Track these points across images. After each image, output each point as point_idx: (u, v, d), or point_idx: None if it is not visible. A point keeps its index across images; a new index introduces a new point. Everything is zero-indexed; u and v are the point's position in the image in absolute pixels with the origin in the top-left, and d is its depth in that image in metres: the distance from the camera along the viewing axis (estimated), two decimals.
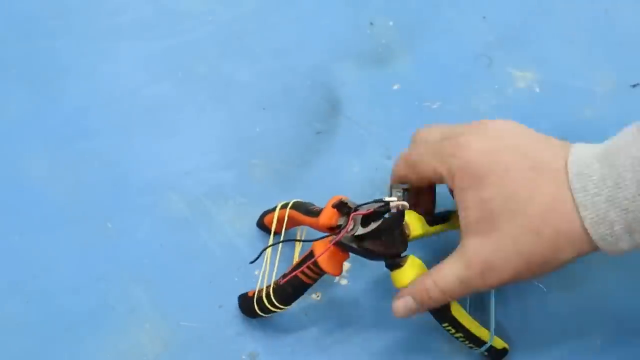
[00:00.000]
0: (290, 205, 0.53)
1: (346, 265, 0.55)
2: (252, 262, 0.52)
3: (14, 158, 0.60)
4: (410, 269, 0.48)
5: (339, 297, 0.54)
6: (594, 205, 0.42)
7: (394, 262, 0.48)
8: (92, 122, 0.62)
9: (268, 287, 0.51)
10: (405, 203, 0.46)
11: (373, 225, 0.47)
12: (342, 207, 0.49)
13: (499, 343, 0.51)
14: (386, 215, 0.47)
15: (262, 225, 0.56)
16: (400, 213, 0.47)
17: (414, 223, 0.50)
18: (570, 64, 0.65)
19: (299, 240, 0.52)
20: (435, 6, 0.68)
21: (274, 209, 0.54)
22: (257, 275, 0.52)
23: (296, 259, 0.52)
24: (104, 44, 0.66)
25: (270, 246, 0.52)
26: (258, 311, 0.51)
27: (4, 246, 0.56)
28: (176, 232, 0.57)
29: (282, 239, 0.52)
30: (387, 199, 0.46)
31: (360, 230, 0.47)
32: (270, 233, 0.54)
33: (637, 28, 0.66)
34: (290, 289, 0.50)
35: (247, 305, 0.52)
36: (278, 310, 0.50)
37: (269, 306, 0.50)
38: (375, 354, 0.52)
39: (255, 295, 0.51)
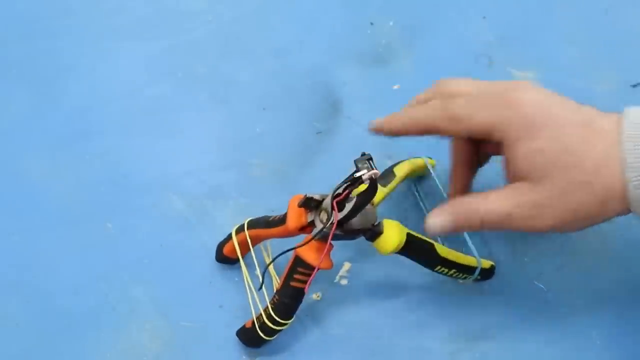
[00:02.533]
0: (246, 226, 0.52)
1: (346, 265, 0.55)
2: (266, 268, 0.50)
3: (14, 158, 0.60)
4: (392, 232, 0.48)
5: (339, 297, 0.54)
6: None
7: (373, 232, 0.48)
8: (92, 122, 0.62)
9: (265, 309, 0.50)
10: (377, 171, 0.44)
11: (349, 206, 0.46)
12: (310, 203, 0.48)
13: (486, 263, 0.54)
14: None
15: (223, 258, 0.54)
16: (374, 183, 0.45)
17: None
18: (570, 63, 0.65)
19: (296, 247, 0.48)
20: (435, 6, 0.68)
21: (229, 237, 0.53)
22: (257, 275, 0.52)
23: (273, 273, 0.52)
24: (104, 44, 0.66)
25: (273, 260, 0.49)
26: (264, 336, 0.50)
27: (4, 246, 0.56)
28: (176, 232, 0.57)
29: (254, 259, 0.51)
30: (358, 174, 0.44)
31: (339, 216, 0.46)
32: (233, 263, 0.54)
33: (637, 28, 0.66)
34: (288, 300, 0.49)
35: (250, 336, 0.51)
36: (283, 327, 0.50)
37: (273, 327, 0.49)
38: (375, 353, 0.52)
39: (256, 322, 0.50)
